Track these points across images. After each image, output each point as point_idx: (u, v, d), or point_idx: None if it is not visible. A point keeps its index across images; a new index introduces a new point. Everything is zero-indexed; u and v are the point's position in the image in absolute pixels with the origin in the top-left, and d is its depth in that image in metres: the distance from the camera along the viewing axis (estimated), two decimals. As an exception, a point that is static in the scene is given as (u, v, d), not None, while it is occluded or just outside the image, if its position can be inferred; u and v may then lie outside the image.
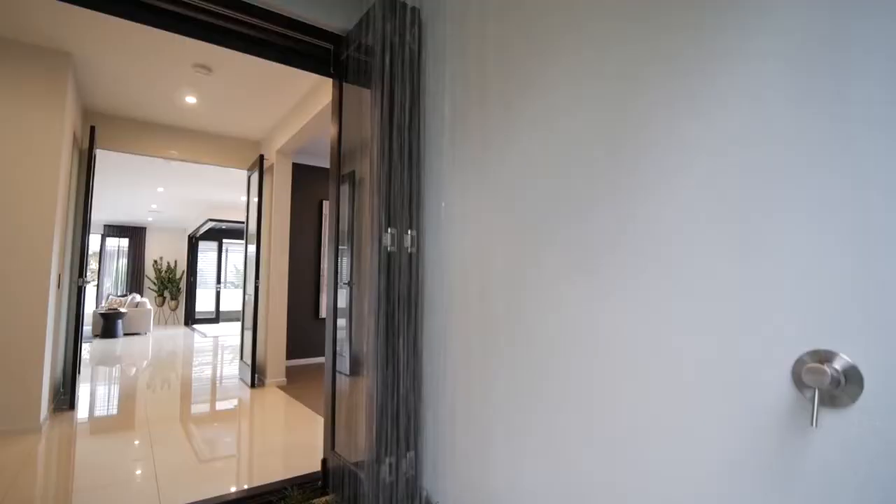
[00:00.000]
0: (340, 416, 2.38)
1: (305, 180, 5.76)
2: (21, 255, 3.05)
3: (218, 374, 5.26)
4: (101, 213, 9.61)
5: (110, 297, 10.07)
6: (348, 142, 2.54)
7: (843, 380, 0.84)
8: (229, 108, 4.19)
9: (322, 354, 5.80)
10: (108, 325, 8.37)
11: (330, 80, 3.40)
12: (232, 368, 5.60)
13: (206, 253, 12.51)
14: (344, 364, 3.06)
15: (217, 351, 7.15)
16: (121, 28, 2.94)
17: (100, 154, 4.57)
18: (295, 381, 4.65)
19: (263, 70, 3.45)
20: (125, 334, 8.74)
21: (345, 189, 2.63)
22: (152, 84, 3.73)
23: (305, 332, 5.74)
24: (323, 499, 2.15)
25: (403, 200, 1.97)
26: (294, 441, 2.94)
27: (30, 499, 2.13)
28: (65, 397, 3.74)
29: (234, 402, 3.99)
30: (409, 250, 1.97)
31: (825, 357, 0.86)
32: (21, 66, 3.12)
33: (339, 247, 2.62)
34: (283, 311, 4.68)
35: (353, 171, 2.84)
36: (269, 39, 2.28)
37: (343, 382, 2.59)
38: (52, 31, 3.01)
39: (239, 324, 9.16)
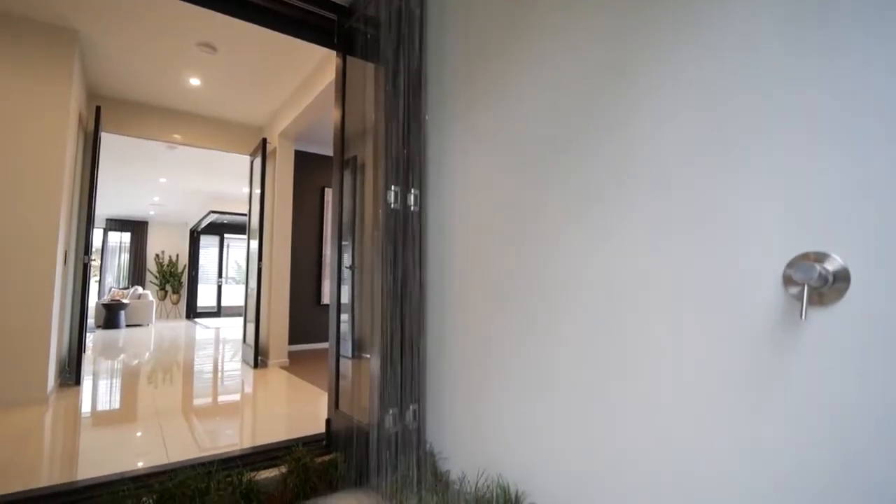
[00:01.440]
0: (344, 379, 2.43)
1: (307, 168, 5.80)
2: (28, 231, 3.09)
3: (221, 357, 5.31)
4: (103, 206, 9.65)
5: (112, 289, 10.11)
6: (351, 123, 2.57)
7: (830, 278, 0.88)
8: (233, 89, 4.23)
9: (324, 340, 5.84)
10: (111, 316, 8.41)
11: (333, 61, 3.45)
12: (235, 353, 5.64)
13: (208, 249, 12.55)
14: (346, 348, 3.11)
15: (219, 340, 7.19)
16: (128, 3, 2.98)
17: (103, 142, 4.61)
18: (297, 364, 4.69)
19: (267, 48, 3.50)
20: (127, 325, 8.79)
21: (346, 175, 2.67)
22: (157, 64, 3.77)
23: (307, 318, 5.77)
24: (327, 457, 2.19)
25: (406, 160, 2.01)
26: (298, 411, 2.98)
27: (38, 457, 2.17)
28: (70, 375, 3.78)
29: (238, 379, 4.03)
30: (412, 208, 2.01)
31: (815, 258, 0.90)
32: (28, 43, 3.17)
33: (342, 229, 2.65)
34: (286, 296, 4.72)
35: (355, 157, 2.88)
36: (274, 8, 2.32)
37: (347, 352, 2.63)
38: (60, 8, 3.06)
39: (240, 319, 9.19)
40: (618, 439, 1.23)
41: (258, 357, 4.54)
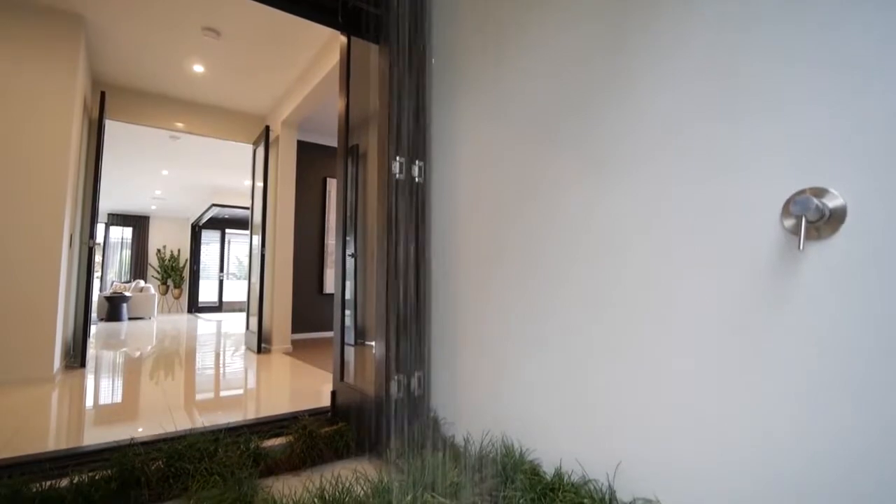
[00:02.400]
0: (348, 357, 2.45)
1: (309, 158, 5.83)
2: (35, 213, 3.12)
3: (224, 344, 5.34)
4: (105, 201, 9.68)
5: (114, 283, 10.14)
6: (355, 105, 2.59)
7: (827, 212, 0.90)
8: (236, 76, 4.26)
9: (326, 329, 5.87)
10: (113, 308, 8.44)
11: (334, 46, 3.48)
12: (238, 341, 5.66)
13: (209, 245, 12.58)
14: (349, 336, 3.13)
15: (222, 332, 7.21)
16: (133, -13, 3.01)
17: (107, 133, 4.64)
18: (300, 350, 4.71)
19: (271, 32, 3.52)
20: (130, 318, 8.81)
21: (350, 162, 2.69)
22: (161, 50, 3.80)
23: (310, 307, 5.80)
24: (333, 427, 2.21)
25: (410, 132, 2.03)
26: (302, 388, 3.01)
27: (45, 428, 2.20)
28: (75, 359, 3.81)
29: (241, 362, 4.06)
30: (416, 179, 2.04)
31: (813, 193, 0.92)
32: (35, 27, 3.19)
33: (346, 207, 2.67)
34: (289, 283, 4.75)
35: (357, 146, 2.91)
36: (279, -15, 2.35)
37: (350, 339, 2.66)
38: (66, -9, 3.09)
39: (242, 314, 9.20)
40: (616, 390, 1.26)
41: (261, 344, 4.56)
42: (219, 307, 12.32)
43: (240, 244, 13.24)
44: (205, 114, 4.89)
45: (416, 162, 2.04)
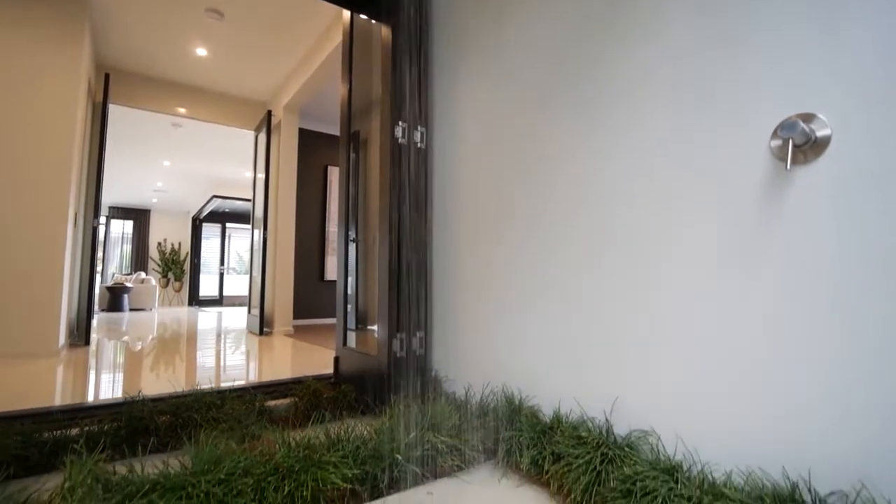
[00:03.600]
0: (350, 334, 2.49)
1: (310, 146, 5.87)
2: (41, 193, 3.16)
3: (226, 328, 5.37)
4: (106, 194, 9.71)
5: (115, 275, 10.17)
6: (355, 90, 2.62)
7: (813, 137, 0.94)
8: (239, 60, 4.30)
9: (327, 316, 5.91)
10: (115, 299, 8.47)
11: (335, 29, 3.51)
12: (240, 331, 5.70)
13: (210, 240, 12.60)
14: (350, 321, 3.16)
15: (223, 323, 7.24)
16: (137, -35, 3.05)
17: (109, 122, 4.67)
18: (301, 333, 4.75)
19: (274, 13, 3.56)
20: (131, 309, 8.84)
21: (352, 148, 2.71)
22: (165, 32, 3.83)
23: (311, 293, 5.84)
24: (335, 390, 2.25)
25: (413, 99, 2.07)
26: (304, 361, 3.05)
27: (53, 388, 2.24)
28: (79, 336, 3.85)
29: (244, 342, 4.10)
30: (418, 144, 2.08)
31: (801, 117, 0.96)
32: (41, 8, 3.23)
33: (348, 191, 2.69)
34: (290, 267, 4.78)
35: (357, 132, 2.94)
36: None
37: (351, 324, 2.69)
38: (71, -30, 3.12)
39: (243, 309, 9.21)
40: (612, 332, 1.30)
41: (263, 327, 4.60)
42: (219, 301, 12.34)
43: (240, 239, 13.27)
44: (207, 99, 4.92)
45: (418, 128, 2.08)
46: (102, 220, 11.12)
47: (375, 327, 2.07)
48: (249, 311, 5.04)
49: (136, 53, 4.17)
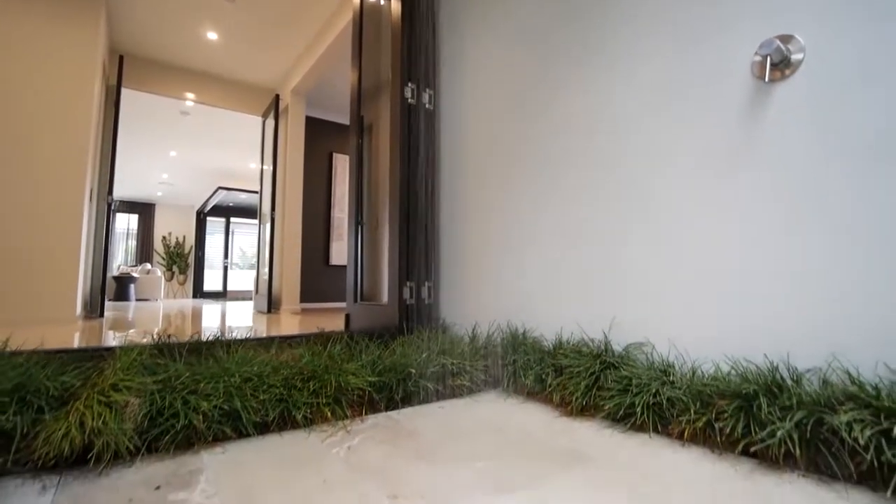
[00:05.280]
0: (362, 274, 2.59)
1: (316, 133, 5.97)
2: (61, 169, 3.27)
3: (233, 311, 5.48)
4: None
5: (120, 266, 10.29)
6: (367, 67, 2.70)
7: (789, 55, 1.05)
8: (249, 44, 4.41)
9: (333, 300, 6.00)
10: (121, 288, 8.59)
11: (343, 16, 3.62)
12: (248, 310, 5.80)
13: (214, 235, 12.72)
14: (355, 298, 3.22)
15: (230, 309, 7.35)
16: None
17: (120, 109, 4.78)
18: (308, 315, 4.85)
19: (283, -4, 3.67)
20: (137, 300, 8.95)
21: (357, 134, 2.78)
22: (177, 15, 3.95)
23: (316, 278, 5.93)
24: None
25: (421, 62, 2.18)
26: (313, 327, 3.14)
27: (74, 340, 2.34)
28: (93, 310, 3.95)
29: (251, 318, 4.20)
30: (427, 106, 2.18)
31: (780, 38, 1.07)
32: (59, -13, 3.35)
33: (360, 170, 2.76)
34: (297, 247, 4.89)
35: (362, 117, 3.04)
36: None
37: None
38: (90, -49, 3.24)
39: (249, 302, 9.30)
40: (609, 259, 1.40)
41: (271, 307, 4.70)
42: (223, 294, 12.45)
43: (244, 235, 13.39)
44: (216, 85, 5.04)
45: (427, 90, 2.19)
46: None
47: (388, 234, 2.10)
48: (257, 292, 5.14)
49: (148, 38, 4.28)
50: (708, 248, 1.17)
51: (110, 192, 3.84)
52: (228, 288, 12.68)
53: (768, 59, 1.03)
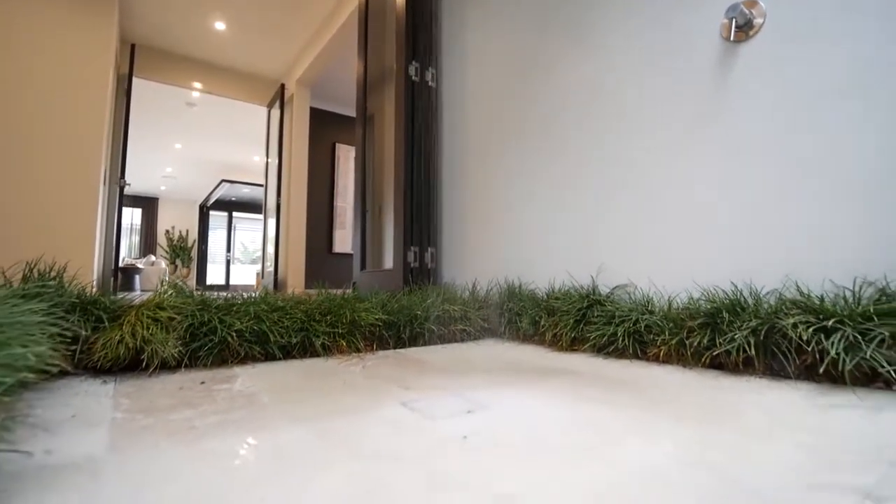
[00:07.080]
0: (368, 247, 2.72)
1: (319, 124, 6.11)
2: (77, 152, 3.40)
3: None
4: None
5: (125, 259, 10.43)
6: (372, 57, 2.83)
7: (752, 18, 1.19)
8: (256, 32, 4.54)
9: (337, 286, 6.14)
10: (126, 279, 8.72)
11: (346, 7, 3.75)
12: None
13: (216, 231, 12.86)
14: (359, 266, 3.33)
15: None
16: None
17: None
18: (312, 297, 4.99)
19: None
20: (142, 290, 9.10)
21: (363, 125, 2.88)
22: (186, 3, 4.08)
23: (320, 266, 6.08)
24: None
25: (424, 40, 2.31)
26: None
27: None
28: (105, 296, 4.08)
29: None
30: (430, 84, 2.32)
31: (745, 4, 1.20)
32: (75, -23, 3.48)
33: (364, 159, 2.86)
34: (302, 229, 5.03)
35: (365, 108, 3.17)
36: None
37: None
38: (105, -58, 3.37)
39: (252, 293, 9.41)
40: (596, 212, 1.54)
41: (276, 285, 4.84)
42: (226, 287, 12.60)
43: (246, 231, 13.53)
44: (223, 74, 5.17)
45: (429, 69, 2.32)
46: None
47: (393, 202, 2.22)
48: (262, 277, 5.28)
49: (157, 28, 4.41)
50: (682, 192, 1.31)
51: (122, 175, 3.98)
52: (231, 281, 12.84)
53: (733, 21, 1.17)
